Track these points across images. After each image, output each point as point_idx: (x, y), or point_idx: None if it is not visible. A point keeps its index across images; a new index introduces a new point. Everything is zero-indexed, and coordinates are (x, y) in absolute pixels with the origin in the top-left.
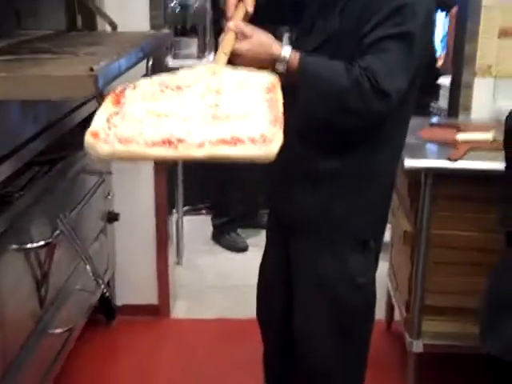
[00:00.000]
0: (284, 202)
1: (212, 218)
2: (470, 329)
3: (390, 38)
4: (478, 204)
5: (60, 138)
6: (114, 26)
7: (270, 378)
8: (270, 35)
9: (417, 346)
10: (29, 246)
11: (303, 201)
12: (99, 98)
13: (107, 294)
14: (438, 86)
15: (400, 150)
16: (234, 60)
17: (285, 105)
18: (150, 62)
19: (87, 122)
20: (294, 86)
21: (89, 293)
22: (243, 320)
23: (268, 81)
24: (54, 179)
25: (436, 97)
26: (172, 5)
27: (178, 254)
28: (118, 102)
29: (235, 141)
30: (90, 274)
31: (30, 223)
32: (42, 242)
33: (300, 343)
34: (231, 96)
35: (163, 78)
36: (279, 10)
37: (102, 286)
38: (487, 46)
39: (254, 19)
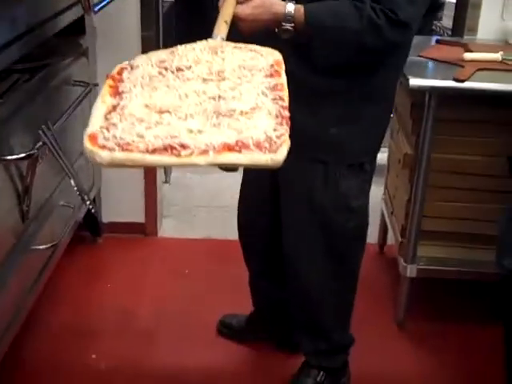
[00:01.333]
0: None
1: None
2: (466, 254)
3: None
4: (482, 128)
5: (42, 45)
6: None
7: (257, 301)
8: None
9: (411, 271)
10: (9, 157)
11: (297, 118)
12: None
13: (93, 210)
14: (442, 4)
15: (401, 71)
16: (237, 25)
17: None
18: None
19: (71, 28)
20: (306, 39)
21: (74, 209)
22: (231, 240)
23: (270, 62)
24: (36, 88)
25: (439, 15)
26: None
27: (166, 171)
28: (116, 93)
29: (240, 146)
30: (75, 188)
31: (10, 134)
32: (22, 154)
33: (290, 265)
34: (234, 85)
35: (161, 55)
36: None
37: (88, 202)
38: None
39: None
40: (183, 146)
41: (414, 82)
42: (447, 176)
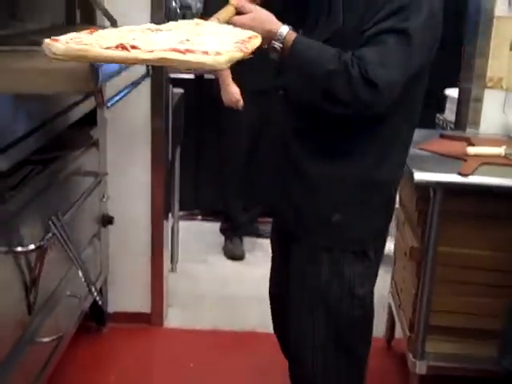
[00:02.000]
0: (284, 204)
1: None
2: (476, 350)
3: (389, 32)
4: (487, 221)
5: (54, 136)
6: (113, 22)
7: None
8: (270, 13)
9: (420, 368)
10: (19, 249)
11: (300, 204)
12: (97, 94)
13: (100, 301)
14: (444, 98)
15: (403, 158)
16: None
17: (285, 104)
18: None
19: (83, 121)
20: (286, 66)
21: (80, 299)
22: (238, 332)
23: (248, 35)
24: (48, 179)
25: (441, 108)
26: (173, 5)
27: (173, 260)
28: (91, 33)
29: (187, 51)
30: (83, 279)
31: (21, 225)
32: (32, 246)
33: (294, 357)
34: (206, 36)
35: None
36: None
37: (95, 294)
38: (498, 59)
39: None
40: (134, 47)
41: (419, 176)
42: (455, 270)
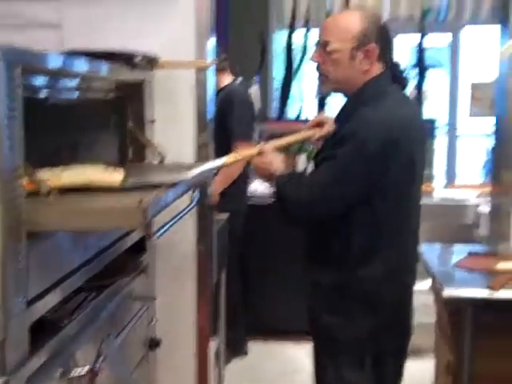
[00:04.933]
0: None
1: None
2: None
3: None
4: None
5: (106, 264)
6: (162, 158)
7: None
8: (279, 160)
9: None
10: (72, 373)
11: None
12: (147, 228)
13: None
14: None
15: (383, 267)
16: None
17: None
18: (196, 193)
19: (134, 247)
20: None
21: None
22: None
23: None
24: (101, 305)
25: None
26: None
27: (220, 381)
28: None
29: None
30: None
31: (76, 349)
32: (86, 368)
33: None
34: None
35: None
36: None
37: None
38: None
39: None
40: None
41: (448, 292)
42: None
